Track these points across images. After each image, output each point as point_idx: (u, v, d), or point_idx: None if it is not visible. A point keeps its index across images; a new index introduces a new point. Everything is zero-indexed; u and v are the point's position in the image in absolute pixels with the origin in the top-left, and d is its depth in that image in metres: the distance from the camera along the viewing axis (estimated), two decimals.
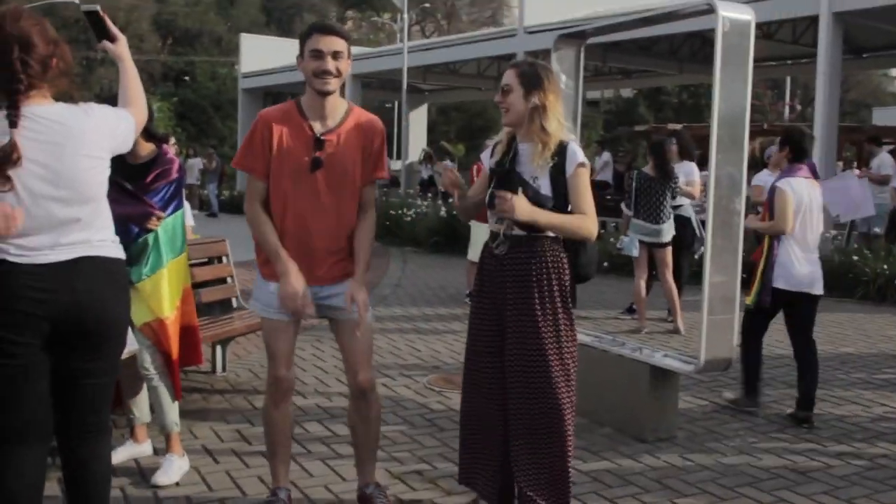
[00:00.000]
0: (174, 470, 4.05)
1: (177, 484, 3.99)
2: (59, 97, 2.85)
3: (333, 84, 3.34)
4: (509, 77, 3.39)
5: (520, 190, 3.29)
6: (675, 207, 7.98)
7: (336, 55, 3.33)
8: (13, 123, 2.65)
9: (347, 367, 3.58)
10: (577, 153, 3.39)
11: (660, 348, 5.62)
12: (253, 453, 4.42)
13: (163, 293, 4.03)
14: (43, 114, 2.72)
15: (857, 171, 14.28)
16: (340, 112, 3.45)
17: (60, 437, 2.94)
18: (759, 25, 18.33)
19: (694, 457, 4.50)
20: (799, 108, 40.50)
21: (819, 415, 5.26)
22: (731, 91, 4.26)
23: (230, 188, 26.75)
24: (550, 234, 3.38)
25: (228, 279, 6.11)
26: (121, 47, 3.08)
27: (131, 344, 3.33)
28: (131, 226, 3.93)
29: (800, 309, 5.23)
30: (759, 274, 5.20)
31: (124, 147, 3.00)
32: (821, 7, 14.57)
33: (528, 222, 3.29)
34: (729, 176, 4.30)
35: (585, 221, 3.37)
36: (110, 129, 2.88)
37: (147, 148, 4.08)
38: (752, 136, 18.53)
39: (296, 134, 3.37)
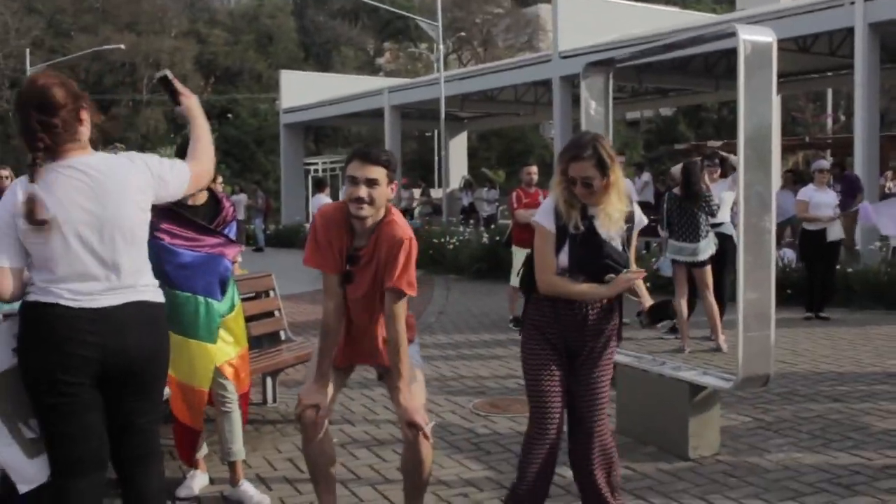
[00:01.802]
0: (256, 493, 4.30)
1: None
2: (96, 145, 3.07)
3: (367, 210, 3.46)
4: (588, 169, 3.42)
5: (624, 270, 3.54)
6: (716, 225, 8.01)
7: (371, 182, 3.44)
8: (32, 179, 2.84)
9: (400, 416, 3.62)
10: (642, 218, 3.73)
11: (701, 367, 5.68)
12: (304, 480, 4.55)
13: (242, 325, 4.40)
14: (86, 163, 2.90)
15: None
16: (374, 224, 3.56)
17: (116, 466, 3.14)
18: (794, 39, 18.36)
19: (737, 472, 4.55)
20: (843, 118, 40.04)
21: (864, 429, 5.28)
22: (755, 112, 4.35)
23: (276, 222, 27.19)
24: None
25: (276, 312, 6.30)
26: (191, 105, 3.27)
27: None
28: (226, 260, 4.20)
29: None
30: None
31: (171, 196, 3.16)
32: (855, 19, 14.53)
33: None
34: (758, 195, 4.38)
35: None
36: (154, 176, 3.03)
37: (204, 193, 4.34)
38: (794, 149, 18.59)
39: (341, 241, 3.56)
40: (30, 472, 3.00)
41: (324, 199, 16.98)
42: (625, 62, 5.52)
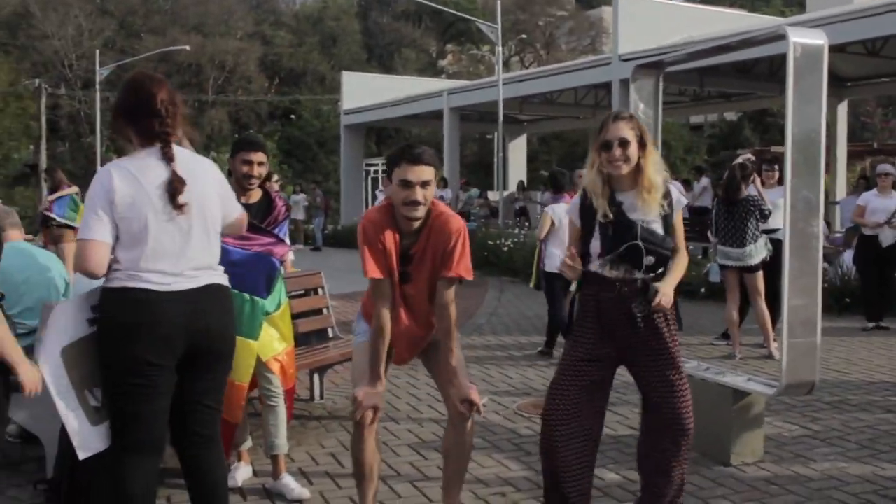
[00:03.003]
0: (297, 485, 4.39)
1: (272, 503, 4.24)
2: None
3: (421, 211, 3.54)
4: (623, 130, 3.49)
5: (653, 287, 3.51)
6: (770, 231, 7.88)
7: (425, 184, 3.51)
8: (171, 158, 3.07)
9: (453, 394, 3.66)
10: (680, 196, 3.68)
11: (748, 373, 5.61)
12: (345, 475, 4.63)
13: (289, 322, 4.53)
14: (179, 153, 3.15)
15: None
16: (423, 220, 3.63)
17: (178, 447, 3.27)
18: (863, 42, 17.95)
19: (779, 480, 4.49)
20: None
21: None
22: (804, 115, 4.29)
23: (334, 222, 27.47)
24: None
25: (324, 310, 6.39)
26: None
27: None
28: (275, 260, 4.31)
29: (555, 284, 7.73)
30: (535, 264, 8.18)
31: (227, 214, 3.34)
32: None
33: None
34: (805, 199, 4.32)
35: (684, 258, 3.69)
36: (222, 186, 3.32)
37: (258, 192, 4.47)
38: (862, 155, 18.27)
39: (392, 243, 3.60)
40: (91, 439, 3.16)
41: None
42: (673, 65, 5.48)
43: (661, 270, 3.57)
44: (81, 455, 3.30)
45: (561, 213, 7.58)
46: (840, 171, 23.80)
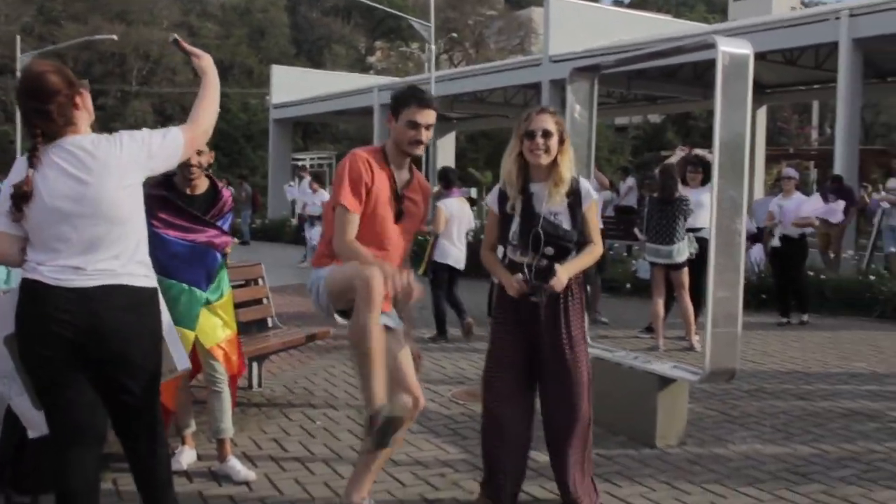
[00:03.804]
0: (243, 468, 4.50)
1: (219, 484, 4.35)
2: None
3: (422, 151, 3.73)
4: (548, 122, 3.76)
5: (556, 267, 3.73)
6: (696, 230, 8.19)
7: (429, 127, 3.68)
8: (32, 164, 2.99)
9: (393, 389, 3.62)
10: (589, 190, 3.90)
11: (676, 363, 5.90)
12: (288, 458, 4.77)
13: (232, 311, 4.61)
14: (73, 143, 3.03)
15: (882, 194, 14.39)
16: (408, 167, 3.79)
17: (120, 439, 3.31)
18: (781, 52, 18.65)
19: (701, 461, 4.78)
20: (829, 131, 40.54)
21: (824, 424, 5.53)
22: (730, 120, 4.58)
23: (262, 217, 27.30)
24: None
25: (264, 300, 6.49)
26: (203, 64, 3.38)
27: (182, 364, 3.65)
28: (215, 252, 4.40)
29: (448, 275, 8.72)
30: (427, 255, 8.80)
31: (167, 164, 3.25)
32: (840, 34, 14.84)
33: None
34: (730, 199, 4.61)
35: (595, 250, 3.91)
36: (143, 154, 3.13)
37: (204, 181, 4.52)
38: (778, 159, 18.88)
39: (385, 183, 3.68)
40: (38, 421, 3.23)
41: (324, 194, 17.14)
42: (610, 69, 5.74)
43: (563, 260, 3.81)
44: (32, 434, 3.38)
45: (452, 207, 8.61)
46: (758, 174, 24.65)
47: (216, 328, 4.50)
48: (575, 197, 3.82)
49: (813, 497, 4.23)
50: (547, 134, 3.75)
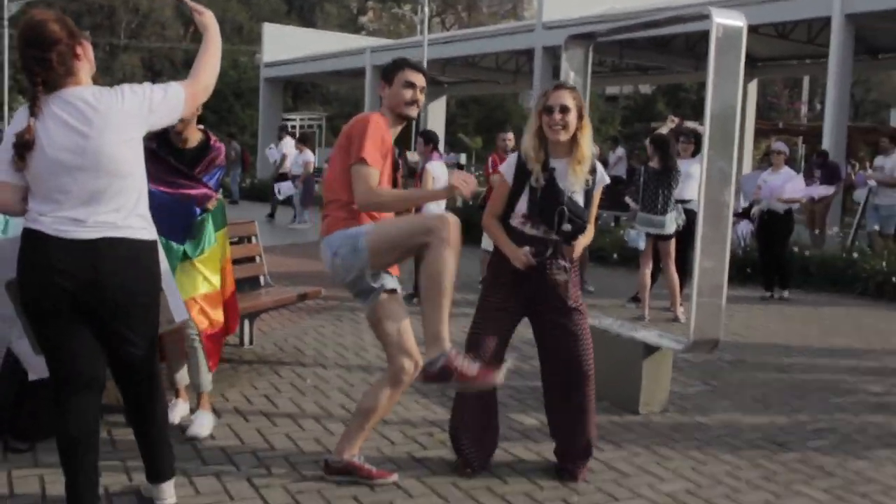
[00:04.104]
0: (207, 424, 4.52)
1: (212, 437, 4.44)
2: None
3: (416, 112, 3.85)
4: (566, 98, 3.85)
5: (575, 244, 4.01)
6: (685, 202, 8.26)
7: (422, 90, 3.83)
8: (33, 113, 3.03)
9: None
10: (603, 175, 4.05)
11: (662, 332, 6.01)
12: (279, 414, 4.86)
13: (216, 268, 4.58)
14: (74, 95, 3.07)
15: (869, 172, 14.48)
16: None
17: (117, 386, 3.39)
18: (774, 25, 18.66)
19: (682, 428, 4.90)
20: (819, 106, 40.66)
21: (803, 396, 5.68)
22: (722, 91, 4.64)
23: (251, 176, 27.22)
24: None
25: (257, 258, 6.55)
26: (205, 20, 3.45)
27: (180, 315, 3.71)
28: (193, 206, 4.40)
29: None
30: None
31: (168, 119, 3.31)
32: (833, 8, 14.87)
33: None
34: (720, 170, 4.68)
35: (590, 231, 4.07)
36: (144, 109, 3.17)
37: (197, 135, 4.52)
38: (767, 134, 18.92)
39: (389, 149, 3.80)
40: (39, 365, 3.32)
41: (308, 155, 17.31)
42: (605, 37, 5.77)
43: (575, 238, 3.97)
44: (32, 376, 3.46)
45: (437, 170, 8.74)
46: (747, 148, 24.79)
47: (193, 282, 4.45)
48: (593, 178, 3.95)
49: (789, 465, 4.36)
50: (564, 109, 3.83)
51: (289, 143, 18.67)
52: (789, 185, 9.62)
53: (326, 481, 3.90)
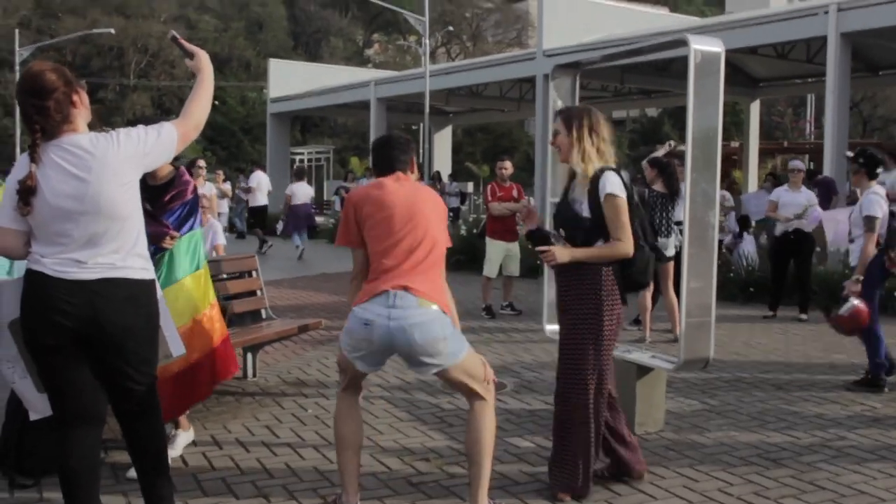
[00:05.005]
0: (179, 444, 4.67)
1: (212, 468, 4.53)
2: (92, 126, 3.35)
3: None
4: (556, 123, 4.23)
5: (559, 236, 4.28)
6: (681, 223, 8.34)
7: None
8: (34, 160, 3.15)
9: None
10: (606, 184, 4.09)
11: (657, 353, 6.08)
12: (280, 444, 4.95)
13: (184, 301, 4.52)
14: (71, 142, 3.19)
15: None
16: None
17: (118, 419, 3.50)
18: (773, 46, 18.79)
19: (677, 447, 4.96)
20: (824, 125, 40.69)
21: (799, 413, 5.71)
22: (703, 116, 4.74)
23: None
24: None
25: (258, 291, 6.66)
26: (200, 62, 3.59)
27: (177, 350, 3.80)
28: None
29: None
30: None
31: (161, 159, 3.43)
32: (829, 28, 14.99)
33: (571, 262, 4.07)
34: (703, 192, 4.77)
35: (616, 247, 4.07)
36: (139, 152, 3.28)
37: (166, 169, 4.55)
38: (773, 153, 18.94)
39: None
40: (40, 404, 3.42)
41: (306, 187, 17.69)
42: (590, 65, 5.90)
43: (575, 242, 4.17)
44: (33, 417, 3.56)
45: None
46: (752, 167, 24.82)
47: None
48: (593, 188, 4.10)
49: (782, 481, 4.41)
50: (555, 134, 4.22)
51: (257, 178, 19.13)
52: (841, 215, 9.60)
53: None
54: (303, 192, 17.69)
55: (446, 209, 4.06)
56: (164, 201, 4.52)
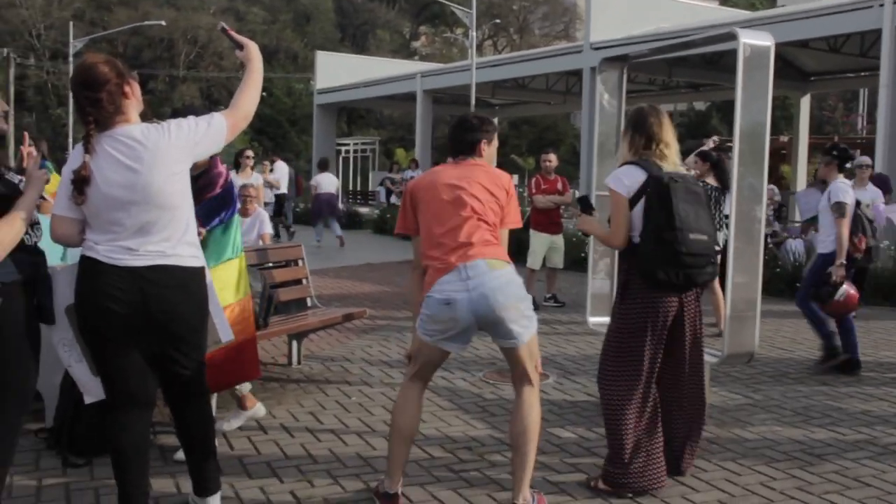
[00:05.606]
0: (235, 421, 4.89)
1: (258, 452, 4.62)
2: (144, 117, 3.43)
3: None
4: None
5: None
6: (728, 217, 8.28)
7: None
8: (87, 150, 3.24)
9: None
10: (610, 178, 4.27)
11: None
12: (324, 430, 5.03)
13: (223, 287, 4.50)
14: (123, 133, 3.27)
15: None
16: None
17: (168, 403, 3.60)
18: (824, 39, 18.48)
19: (719, 441, 4.95)
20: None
21: (844, 409, 5.66)
22: (751, 110, 4.71)
23: (305, 201, 27.65)
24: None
25: (304, 280, 6.75)
26: (249, 53, 3.62)
27: (226, 336, 3.89)
28: None
29: None
30: None
31: (211, 150, 3.49)
32: (883, 21, 14.73)
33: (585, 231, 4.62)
34: (750, 186, 4.74)
35: (607, 236, 4.38)
36: (190, 142, 3.35)
37: (203, 161, 4.49)
38: (822, 148, 18.36)
39: None
40: (94, 388, 3.52)
41: (330, 177, 17.95)
42: (637, 59, 5.88)
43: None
44: (87, 400, 3.66)
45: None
46: (801, 163, 24.47)
47: None
48: None
49: (825, 476, 4.39)
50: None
51: (280, 168, 19.02)
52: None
53: (366, 493, 4.05)
54: (327, 181, 17.89)
55: (512, 188, 4.04)
56: (201, 185, 4.52)
